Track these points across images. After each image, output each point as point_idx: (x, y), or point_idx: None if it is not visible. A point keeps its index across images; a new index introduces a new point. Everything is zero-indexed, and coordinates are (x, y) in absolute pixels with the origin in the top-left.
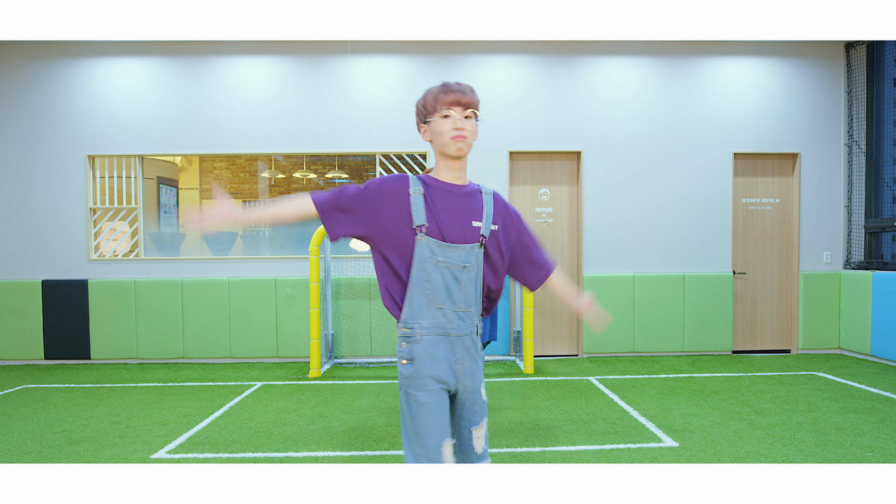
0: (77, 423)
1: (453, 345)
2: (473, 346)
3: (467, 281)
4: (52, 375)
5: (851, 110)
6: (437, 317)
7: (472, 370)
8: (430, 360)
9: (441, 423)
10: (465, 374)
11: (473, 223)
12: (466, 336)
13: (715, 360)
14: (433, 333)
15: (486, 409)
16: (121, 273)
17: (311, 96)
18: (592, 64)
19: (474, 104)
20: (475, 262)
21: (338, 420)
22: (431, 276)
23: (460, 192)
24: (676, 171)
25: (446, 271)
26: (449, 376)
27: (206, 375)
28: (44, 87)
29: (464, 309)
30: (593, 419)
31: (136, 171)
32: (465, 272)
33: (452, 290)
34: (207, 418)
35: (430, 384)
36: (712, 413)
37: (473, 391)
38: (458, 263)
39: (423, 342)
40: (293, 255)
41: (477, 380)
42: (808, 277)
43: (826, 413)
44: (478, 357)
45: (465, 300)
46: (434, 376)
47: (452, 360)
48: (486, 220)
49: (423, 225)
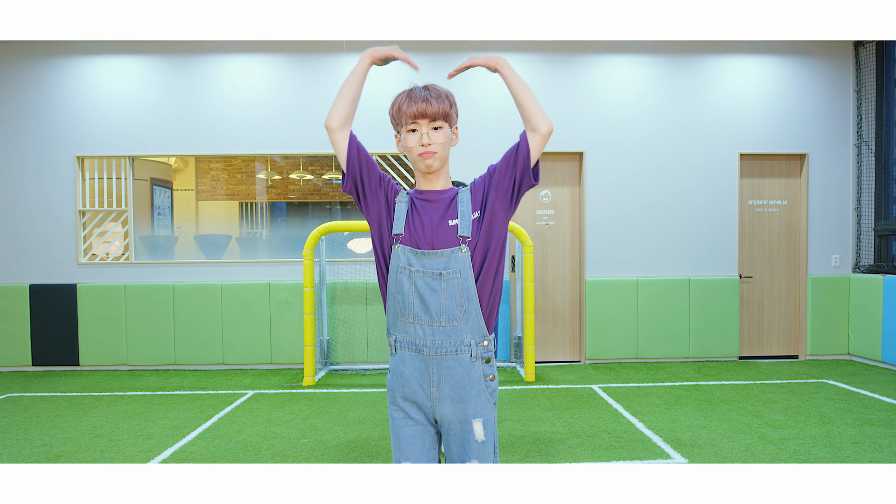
0: (58, 436)
1: (427, 363)
2: (461, 368)
3: (447, 291)
4: (38, 383)
5: (861, 110)
6: (408, 330)
7: (455, 398)
8: (398, 376)
9: (405, 444)
10: (442, 400)
11: (450, 222)
12: (447, 355)
13: (721, 367)
14: (406, 348)
15: (483, 451)
16: (111, 277)
17: (306, 95)
18: (594, 62)
19: (441, 114)
20: (459, 268)
21: (330, 433)
22: (403, 287)
23: (439, 198)
24: (681, 172)
25: (420, 281)
26: (420, 397)
27: (197, 383)
28: (31, 87)
29: (443, 323)
30: (597, 432)
31: (127, 173)
32: (442, 280)
33: (428, 301)
34: (194, 431)
35: (398, 401)
36: (721, 425)
37: (459, 424)
38: (435, 271)
39: (397, 355)
40: (288, 258)
41: (464, 412)
42: (816, 281)
43: (840, 425)
44: (468, 383)
45: (447, 313)
46: (402, 394)
47: (426, 380)
48: (462, 216)
49: (400, 234)
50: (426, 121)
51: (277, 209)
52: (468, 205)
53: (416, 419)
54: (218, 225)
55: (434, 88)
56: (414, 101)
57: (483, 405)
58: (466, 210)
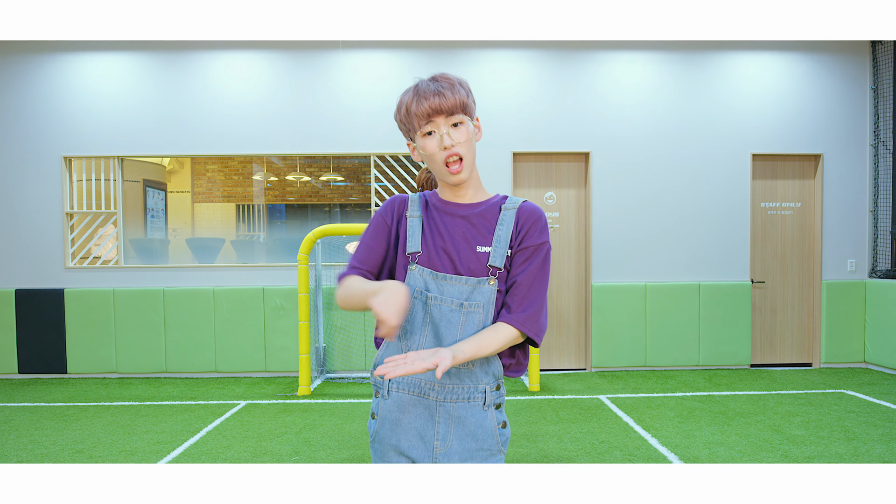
0: (36, 452)
1: (432, 412)
2: (474, 419)
3: (465, 326)
4: (23, 392)
5: (878, 109)
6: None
7: (465, 454)
8: (393, 425)
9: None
10: (449, 456)
11: (479, 249)
12: (460, 403)
13: (733, 376)
14: (405, 391)
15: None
16: (99, 282)
17: (301, 93)
18: (601, 59)
19: (459, 106)
20: (483, 301)
21: (324, 449)
22: (415, 316)
23: (469, 212)
24: (691, 173)
25: (436, 310)
26: (418, 452)
27: (188, 392)
28: (16, 85)
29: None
30: (608, 448)
31: (116, 174)
32: (462, 313)
33: (443, 335)
34: (181, 446)
35: (389, 455)
36: (740, 441)
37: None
38: (456, 301)
39: (391, 399)
40: (282, 262)
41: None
42: (831, 287)
43: (866, 442)
44: (481, 435)
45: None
46: (396, 447)
47: (430, 432)
48: (497, 245)
49: (416, 252)
50: (443, 117)
51: (275, 211)
52: (508, 231)
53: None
54: (214, 228)
55: (444, 78)
56: (424, 98)
57: (493, 460)
58: (505, 236)
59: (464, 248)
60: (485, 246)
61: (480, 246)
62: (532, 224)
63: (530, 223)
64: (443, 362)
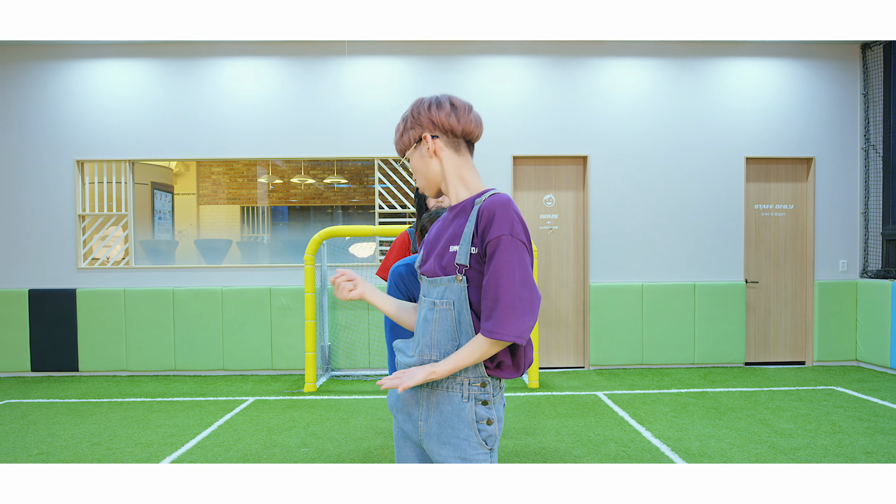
0: (55, 445)
1: (418, 397)
2: (451, 407)
3: (439, 322)
4: (36, 389)
5: (868, 113)
6: (405, 357)
7: (443, 439)
8: (396, 397)
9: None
10: (430, 436)
11: (451, 248)
12: (439, 391)
13: (728, 373)
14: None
15: None
16: (110, 282)
17: (306, 99)
18: (599, 65)
19: (400, 151)
20: (453, 298)
21: (331, 441)
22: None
23: (450, 214)
24: (686, 177)
25: (422, 308)
26: (409, 427)
27: (197, 389)
28: (31, 90)
29: (435, 357)
30: (604, 441)
31: (127, 177)
32: (435, 311)
33: (422, 331)
34: (194, 439)
35: (398, 431)
36: (730, 434)
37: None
38: (430, 300)
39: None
40: (289, 263)
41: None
42: (823, 286)
43: (851, 434)
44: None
45: (438, 347)
46: (399, 425)
47: (415, 411)
48: (464, 241)
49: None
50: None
51: (279, 213)
52: (471, 228)
53: (410, 441)
54: (219, 229)
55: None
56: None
57: (473, 451)
58: (468, 234)
59: (442, 248)
60: (455, 245)
61: (453, 245)
62: (487, 220)
63: (486, 219)
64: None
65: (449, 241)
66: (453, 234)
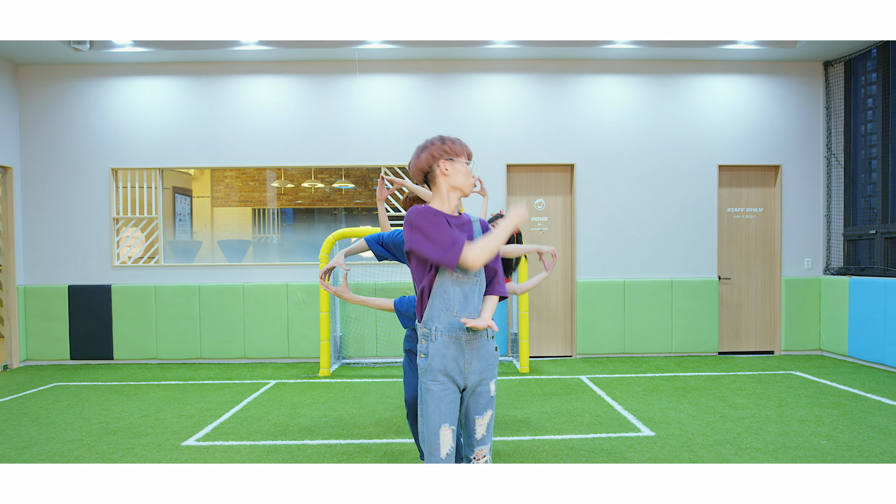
0: (111, 416)
1: (462, 348)
2: (485, 349)
3: (477, 292)
4: (79, 374)
5: (830, 125)
6: (454, 324)
7: (481, 369)
8: (441, 357)
9: (446, 409)
10: (473, 372)
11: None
12: (478, 339)
13: (700, 361)
14: (446, 336)
15: (492, 403)
16: (142, 279)
17: (320, 113)
18: (585, 81)
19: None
20: (482, 277)
21: (348, 412)
22: (449, 290)
23: (457, 222)
24: (664, 183)
25: (465, 285)
26: (455, 373)
27: (223, 374)
28: (71, 106)
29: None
30: (580, 412)
31: (157, 183)
32: (476, 284)
33: (469, 299)
34: (229, 411)
35: (437, 376)
36: (690, 408)
37: (481, 386)
38: (474, 278)
39: (437, 342)
40: (302, 261)
41: (485, 377)
42: (789, 283)
43: (794, 408)
44: (489, 358)
45: (476, 308)
46: (443, 371)
47: (462, 360)
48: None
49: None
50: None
51: (286, 215)
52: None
53: (452, 388)
54: (232, 230)
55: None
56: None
57: (495, 370)
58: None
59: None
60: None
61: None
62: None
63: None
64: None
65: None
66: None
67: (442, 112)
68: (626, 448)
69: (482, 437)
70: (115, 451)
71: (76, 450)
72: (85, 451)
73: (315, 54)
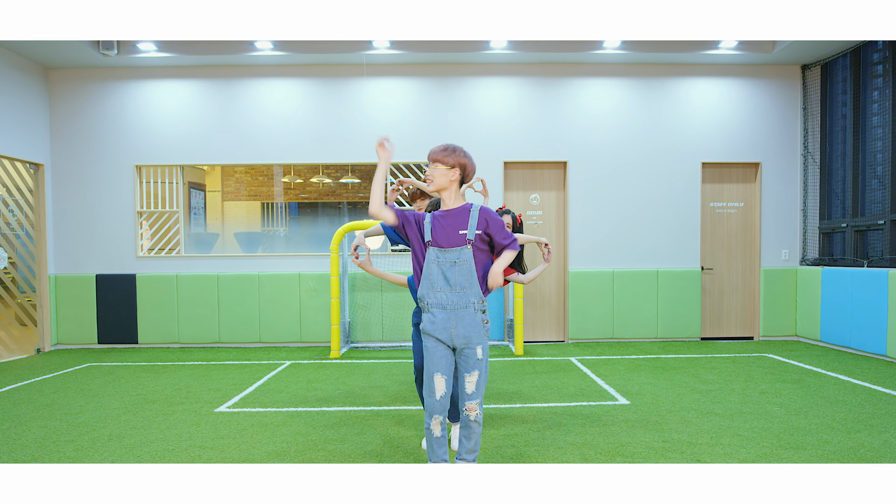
0: (147, 389)
1: (449, 315)
2: (469, 317)
3: (459, 271)
4: (108, 356)
5: (807, 125)
6: (438, 296)
7: (467, 334)
8: (432, 323)
9: (437, 360)
10: (459, 335)
11: (460, 231)
12: (461, 309)
13: (683, 345)
14: (436, 307)
15: (479, 365)
16: (164, 268)
17: (329, 113)
18: (577, 84)
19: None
20: (466, 258)
21: (358, 386)
22: (432, 270)
23: (452, 213)
24: (651, 179)
25: (444, 266)
26: (444, 335)
27: (242, 356)
28: (98, 106)
29: (459, 290)
30: (566, 386)
31: (178, 179)
32: (456, 266)
33: (449, 277)
34: (252, 385)
35: (430, 338)
36: (665, 383)
37: (468, 349)
38: (450, 260)
39: (430, 313)
40: (313, 252)
41: (472, 341)
42: (768, 273)
43: (759, 382)
44: (474, 324)
45: (461, 284)
46: (434, 332)
47: (448, 324)
48: (470, 227)
49: (430, 240)
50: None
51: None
52: (475, 222)
53: (443, 347)
54: (241, 223)
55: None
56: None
57: (481, 337)
58: (474, 224)
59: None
60: (463, 229)
61: (461, 230)
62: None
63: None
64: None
65: (456, 227)
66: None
67: (444, 112)
68: (603, 413)
69: (472, 393)
70: (157, 416)
71: (123, 415)
72: (130, 416)
73: (325, 58)
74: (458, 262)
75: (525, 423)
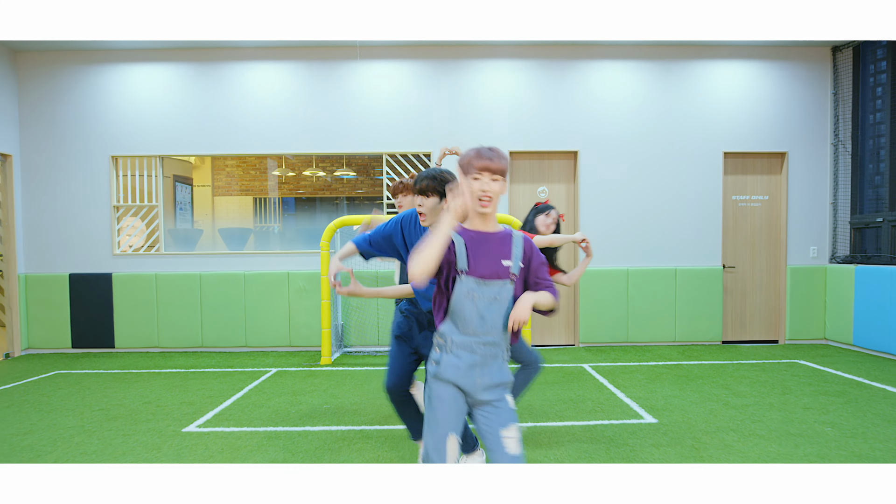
0: (112, 403)
1: (475, 363)
2: (496, 367)
3: (499, 310)
4: (80, 362)
5: (837, 111)
6: (467, 340)
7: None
8: (454, 368)
9: (452, 419)
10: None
11: (503, 262)
12: (491, 358)
13: (704, 350)
14: (461, 349)
15: (515, 416)
16: (142, 267)
17: (321, 99)
18: (588, 67)
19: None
20: (507, 296)
21: (349, 400)
22: (465, 307)
23: (490, 238)
24: (669, 170)
25: (481, 303)
26: (466, 384)
27: (225, 362)
28: (70, 93)
29: (494, 333)
30: (582, 400)
31: (157, 171)
32: (495, 304)
33: (486, 316)
34: (230, 398)
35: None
36: (693, 395)
37: (497, 402)
38: (490, 296)
39: (452, 353)
40: (303, 249)
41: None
42: (795, 271)
43: (798, 395)
44: (502, 371)
45: (494, 328)
46: (454, 379)
47: (474, 372)
48: (514, 258)
49: (466, 269)
50: (488, 174)
51: (288, 204)
52: (520, 252)
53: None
54: (233, 219)
55: (496, 150)
56: (481, 158)
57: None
58: (518, 256)
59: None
60: (507, 260)
61: (505, 260)
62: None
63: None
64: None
65: (499, 256)
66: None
67: (444, 98)
68: (629, 435)
69: (516, 454)
70: (116, 438)
71: (76, 436)
72: (85, 437)
73: (315, 40)
74: (498, 299)
75: (540, 446)
